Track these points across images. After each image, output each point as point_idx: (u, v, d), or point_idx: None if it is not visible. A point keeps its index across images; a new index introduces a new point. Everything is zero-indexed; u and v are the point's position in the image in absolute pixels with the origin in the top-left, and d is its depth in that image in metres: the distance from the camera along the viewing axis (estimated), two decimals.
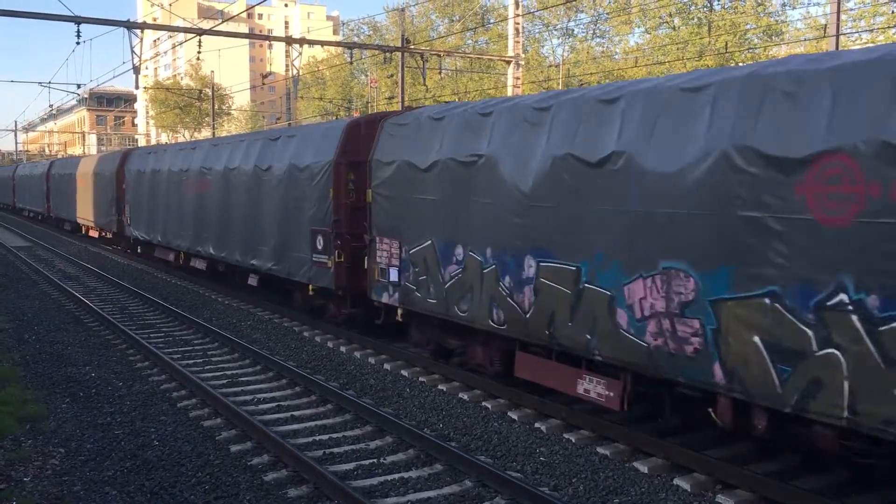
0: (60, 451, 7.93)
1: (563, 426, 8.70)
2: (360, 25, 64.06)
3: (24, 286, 20.03)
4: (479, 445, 8.23)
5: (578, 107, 8.32)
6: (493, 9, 55.00)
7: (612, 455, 7.85)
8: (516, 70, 28.45)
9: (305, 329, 14.41)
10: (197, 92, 64.62)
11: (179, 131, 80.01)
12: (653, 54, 40.88)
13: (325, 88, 70.88)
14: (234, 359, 12.26)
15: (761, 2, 40.43)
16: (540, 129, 8.63)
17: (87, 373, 11.22)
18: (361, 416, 9.10)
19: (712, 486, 7.03)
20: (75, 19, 21.45)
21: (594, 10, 49.35)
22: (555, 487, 7.11)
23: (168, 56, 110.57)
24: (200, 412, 9.42)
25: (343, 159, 12.82)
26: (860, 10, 33.57)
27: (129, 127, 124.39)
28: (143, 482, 7.14)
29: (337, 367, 11.71)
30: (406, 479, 7.25)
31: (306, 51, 71.14)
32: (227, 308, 16.81)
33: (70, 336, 13.79)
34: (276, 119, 78.02)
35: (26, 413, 8.95)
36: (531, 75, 45.17)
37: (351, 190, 12.74)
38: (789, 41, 39.54)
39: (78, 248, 30.50)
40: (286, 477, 7.33)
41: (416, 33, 50.18)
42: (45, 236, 36.33)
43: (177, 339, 13.73)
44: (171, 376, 11.02)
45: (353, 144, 12.80)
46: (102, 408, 9.50)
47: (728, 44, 37.03)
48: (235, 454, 7.95)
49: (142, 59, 24.93)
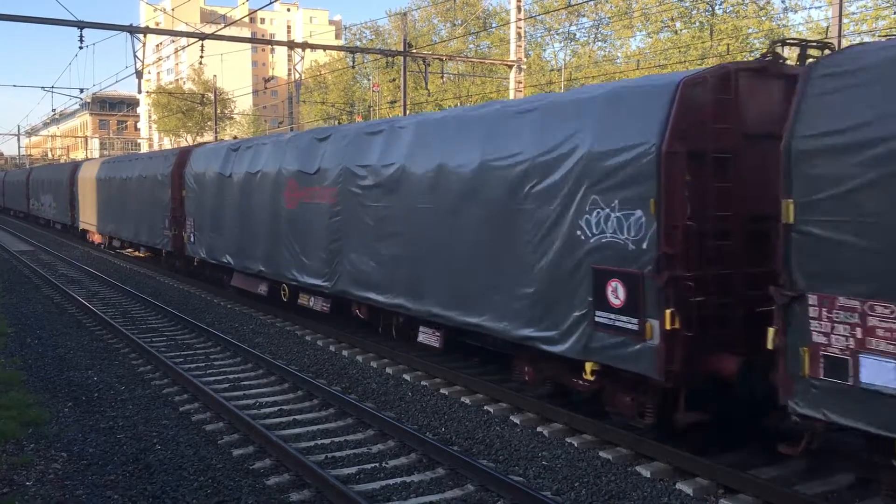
0: (63, 455, 7.93)
1: (565, 430, 8.69)
2: (363, 30, 64.33)
3: (27, 290, 20.06)
4: (481, 450, 8.22)
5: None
6: (496, 13, 55.12)
7: (614, 459, 7.84)
8: (518, 74, 28.47)
9: (308, 333, 14.40)
10: (199, 96, 64.83)
11: (182, 135, 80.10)
12: (655, 58, 40.89)
13: (327, 92, 71.00)
14: (236, 363, 12.26)
15: (763, 5, 40.48)
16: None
17: (90, 377, 11.23)
18: (363, 420, 9.09)
19: (715, 490, 7.02)
20: (78, 24, 21.48)
21: (596, 14, 49.45)
22: (557, 492, 7.10)
23: (171, 60, 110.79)
24: (202, 416, 9.42)
25: (680, 145, 7.28)
26: (862, 14, 33.59)
27: (132, 131, 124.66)
28: (145, 486, 7.14)
29: (339, 371, 11.71)
30: (408, 484, 7.24)
31: (308, 55, 71.24)
32: (230, 312, 16.81)
33: (72, 340, 13.81)
34: (279, 123, 78.19)
35: (29, 417, 8.95)
36: (533, 79, 45.20)
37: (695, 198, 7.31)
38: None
39: (81, 253, 30.54)
40: (288, 481, 7.32)
41: (418, 37, 50.23)
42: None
43: (179, 342, 13.74)
44: (174, 380, 11.02)
45: (695, 117, 7.37)
46: (105, 412, 9.51)
47: (730, 47, 37.05)
48: (237, 458, 7.95)
49: (144, 63, 24.98)
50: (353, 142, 12.71)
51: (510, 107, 9.89)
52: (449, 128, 10.63)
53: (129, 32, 23.42)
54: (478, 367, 11.25)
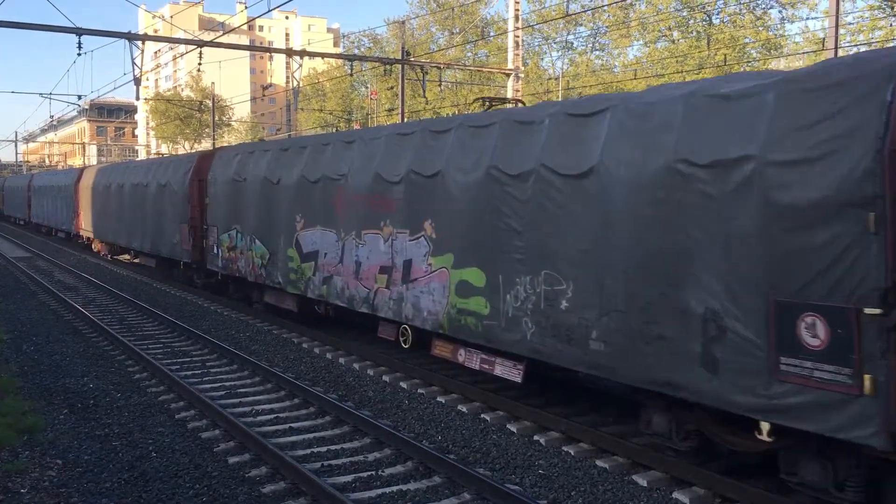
0: (58, 462, 7.90)
1: (562, 439, 8.68)
2: (361, 38, 64.40)
3: (23, 296, 20.01)
4: (477, 458, 8.20)
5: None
6: (493, 22, 55.29)
7: (611, 468, 7.82)
8: (516, 82, 28.54)
9: (304, 340, 14.38)
10: (197, 103, 64.87)
11: (180, 142, 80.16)
12: (652, 67, 41.02)
13: (325, 100, 71.10)
14: (232, 370, 12.23)
15: (760, 16, 40.67)
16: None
17: (86, 384, 11.19)
18: (360, 427, 9.07)
19: (712, 500, 7.01)
20: (77, 31, 21.53)
21: (593, 23, 49.62)
22: (553, 500, 7.08)
23: (169, 67, 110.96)
24: (198, 423, 9.39)
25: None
26: (859, 25, 33.74)
27: (130, 138, 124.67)
28: (140, 494, 7.11)
29: (335, 378, 11.68)
30: (405, 492, 7.22)
31: (307, 63, 71.31)
32: (226, 319, 16.78)
33: (68, 347, 13.77)
34: (277, 130, 78.27)
35: (24, 424, 8.91)
36: (531, 87, 45.31)
37: None
38: (788, 55, 39.72)
39: (77, 260, 30.50)
40: (284, 489, 7.30)
41: (416, 45, 50.39)
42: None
43: (175, 350, 13.71)
44: (170, 387, 10.99)
45: None
46: (100, 419, 9.47)
47: (727, 57, 37.18)
48: (233, 466, 7.92)
49: (143, 70, 25.00)
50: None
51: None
52: None
53: (128, 39, 23.46)
54: (473, 376, 11.23)
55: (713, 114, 6.89)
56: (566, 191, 8.25)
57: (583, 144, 8.14)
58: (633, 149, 7.54)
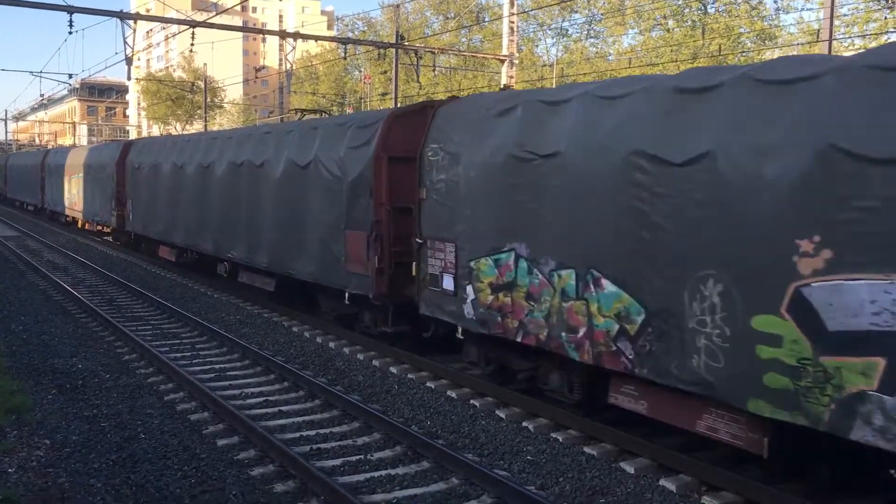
0: (46, 442, 7.89)
1: (550, 425, 8.72)
2: (355, 21, 64.25)
3: (12, 276, 19.92)
4: (466, 443, 8.24)
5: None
6: (488, 7, 55.11)
7: (598, 455, 7.87)
8: (510, 69, 28.45)
9: (295, 324, 14.37)
10: (189, 84, 64.45)
11: (171, 123, 79.66)
12: (647, 56, 40.96)
13: (318, 83, 70.84)
14: (222, 353, 12.22)
15: (755, 6, 40.64)
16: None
17: (74, 364, 11.17)
18: (349, 412, 9.09)
19: (698, 487, 7.06)
20: (68, 9, 21.29)
21: (588, 10, 49.50)
22: (541, 486, 7.12)
23: (161, 48, 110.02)
24: (188, 406, 9.39)
25: None
26: (853, 16, 33.75)
27: (121, 118, 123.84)
28: (128, 475, 7.11)
29: (326, 362, 11.69)
30: (393, 476, 7.25)
31: (300, 45, 70.96)
32: (217, 302, 16.75)
33: (57, 327, 13.72)
34: (269, 113, 77.90)
35: (12, 404, 8.89)
36: (525, 74, 45.20)
37: None
38: (782, 45, 39.74)
39: (66, 239, 30.34)
40: (273, 472, 7.31)
41: (410, 30, 50.13)
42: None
43: (165, 331, 13.68)
44: (159, 369, 10.98)
45: None
46: (89, 400, 9.46)
47: (721, 47, 37.16)
48: (222, 448, 7.93)
49: (134, 50, 24.80)
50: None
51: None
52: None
53: (120, 18, 23.22)
54: (462, 362, 11.25)
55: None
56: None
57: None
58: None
